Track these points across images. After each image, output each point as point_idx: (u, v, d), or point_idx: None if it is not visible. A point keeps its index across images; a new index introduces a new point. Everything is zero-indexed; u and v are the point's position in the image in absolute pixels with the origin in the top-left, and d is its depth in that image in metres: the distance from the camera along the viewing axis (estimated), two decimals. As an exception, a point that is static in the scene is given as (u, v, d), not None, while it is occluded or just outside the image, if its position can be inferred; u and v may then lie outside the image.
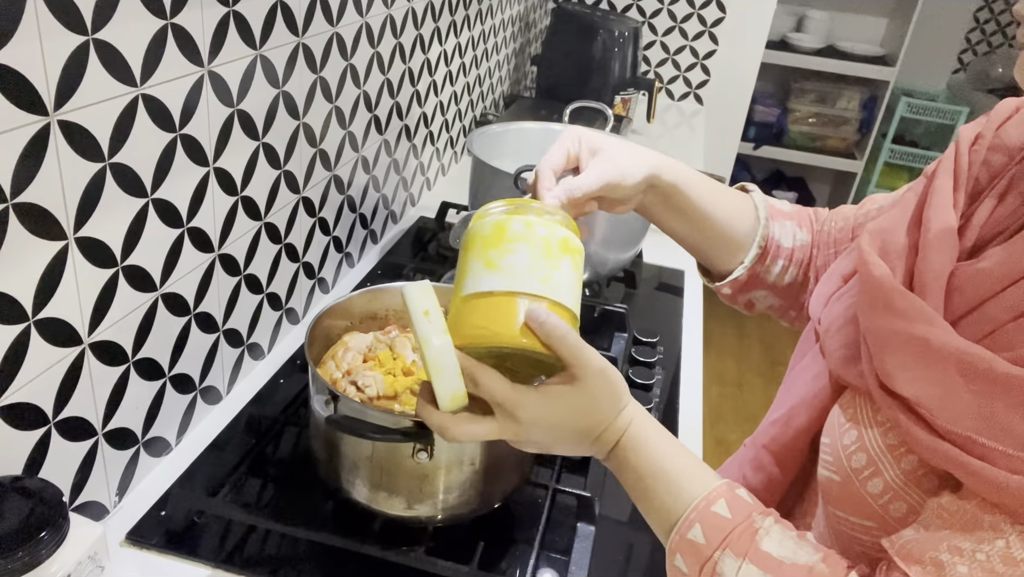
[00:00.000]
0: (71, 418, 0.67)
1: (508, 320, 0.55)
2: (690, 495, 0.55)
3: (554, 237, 0.58)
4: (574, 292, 0.58)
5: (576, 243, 0.59)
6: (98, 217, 0.65)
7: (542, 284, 0.56)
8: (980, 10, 3.73)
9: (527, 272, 0.56)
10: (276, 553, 0.73)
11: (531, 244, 0.57)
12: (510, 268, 0.56)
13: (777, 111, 3.63)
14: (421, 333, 0.54)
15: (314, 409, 0.74)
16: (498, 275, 0.56)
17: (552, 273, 0.56)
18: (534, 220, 0.58)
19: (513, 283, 0.56)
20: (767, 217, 0.78)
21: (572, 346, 0.54)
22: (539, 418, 0.55)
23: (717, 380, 2.89)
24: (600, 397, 0.56)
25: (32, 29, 0.55)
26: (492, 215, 0.59)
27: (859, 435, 0.53)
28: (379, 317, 0.88)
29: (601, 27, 1.94)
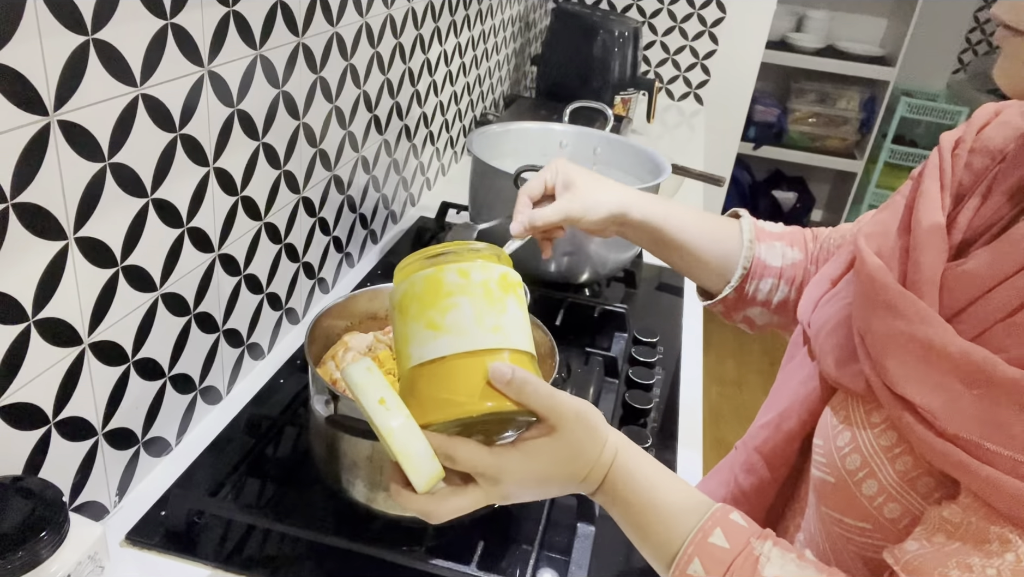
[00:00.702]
0: (71, 418, 0.67)
1: (470, 386, 0.51)
2: (685, 526, 0.53)
3: (492, 278, 0.53)
4: (526, 330, 0.55)
5: (513, 276, 0.56)
6: (98, 217, 0.65)
7: (494, 334, 0.52)
8: (980, 10, 3.73)
9: (475, 325, 0.52)
10: (276, 553, 0.73)
11: (471, 293, 0.52)
12: (456, 326, 0.51)
13: (777, 111, 3.63)
14: (379, 422, 0.49)
15: (314, 409, 0.74)
16: (445, 336, 0.51)
17: (501, 318, 0.53)
18: (466, 266, 0.53)
19: (464, 342, 0.51)
20: (751, 240, 0.82)
21: (544, 397, 0.52)
22: (525, 477, 0.53)
23: (717, 380, 2.89)
24: (581, 440, 0.54)
25: (32, 29, 0.55)
26: (418, 271, 0.54)
27: (853, 436, 0.53)
28: (379, 317, 0.88)
29: (601, 27, 1.94)
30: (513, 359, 0.52)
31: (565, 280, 1.19)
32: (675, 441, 0.95)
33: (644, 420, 0.97)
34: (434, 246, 0.56)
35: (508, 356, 0.52)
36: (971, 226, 0.54)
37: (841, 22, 3.68)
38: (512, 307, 0.54)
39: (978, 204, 0.54)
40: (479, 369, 0.51)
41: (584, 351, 1.07)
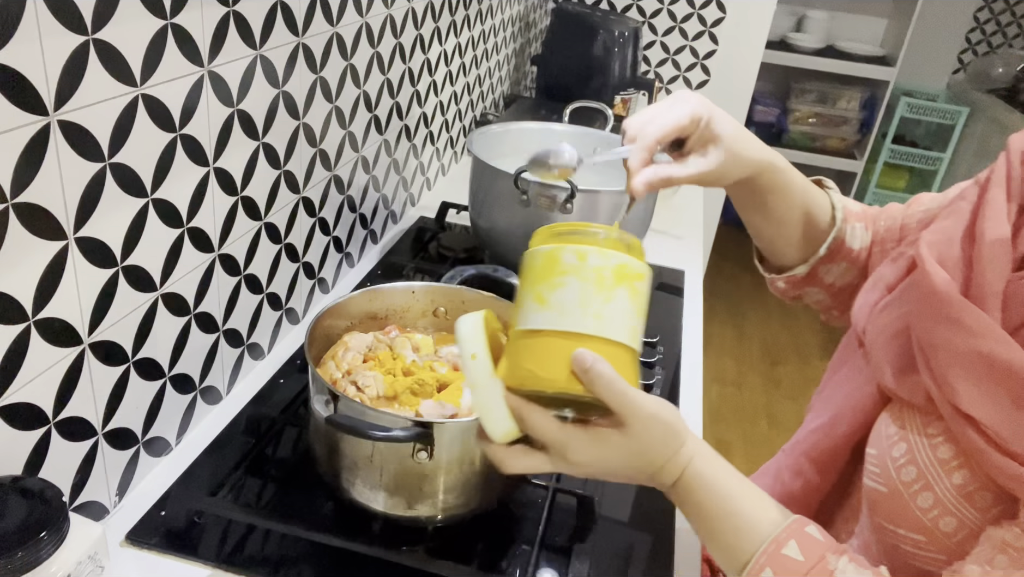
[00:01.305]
0: (71, 418, 0.67)
1: (555, 365, 0.53)
2: (759, 536, 0.53)
3: (608, 266, 0.54)
4: (631, 323, 0.55)
5: (635, 268, 0.55)
6: (98, 217, 0.65)
7: (594, 320, 0.53)
8: (980, 10, 3.73)
9: (577, 308, 0.53)
10: (276, 553, 0.73)
11: (582, 276, 0.54)
12: (559, 304, 0.54)
13: (777, 111, 3.64)
14: (469, 376, 0.55)
15: (314, 409, 0.74)
16: (547, 312, 0.54)
17: (605, 307, 0.54)
18: (584, 249, 0.55)
19: (562, 321, 0.54)
20: (843, 219, 0.77)
21: (618, 394, 0.53)
22: (589, 460, 0.55)
23: (717, 380, 2.89)
24: (651, 441, 0.55)
25: (32, 29, 0.55)
26: (541, 244, 0.57)
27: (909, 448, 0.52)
28: (379, 317, 0.88)
29: (601, 27, 1.94)
30: (605, 349, 0.53)
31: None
32: (675, 441, 0.95)
33: (644, 420, 0.96)
34: (571, 223, 0.58)
35: (601, 345, 0.53)
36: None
37: (841, 22, 3.68)
38: (621, 298, 0.54)
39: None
40: (566, 350, 0.53)
41: (584, 351, 1.07)
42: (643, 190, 0.65)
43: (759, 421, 2.68)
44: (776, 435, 2.61)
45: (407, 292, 0.89)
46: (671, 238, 1.51)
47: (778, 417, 2.71)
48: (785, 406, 2.76)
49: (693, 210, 1.68)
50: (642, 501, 0.85)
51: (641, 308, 0.57)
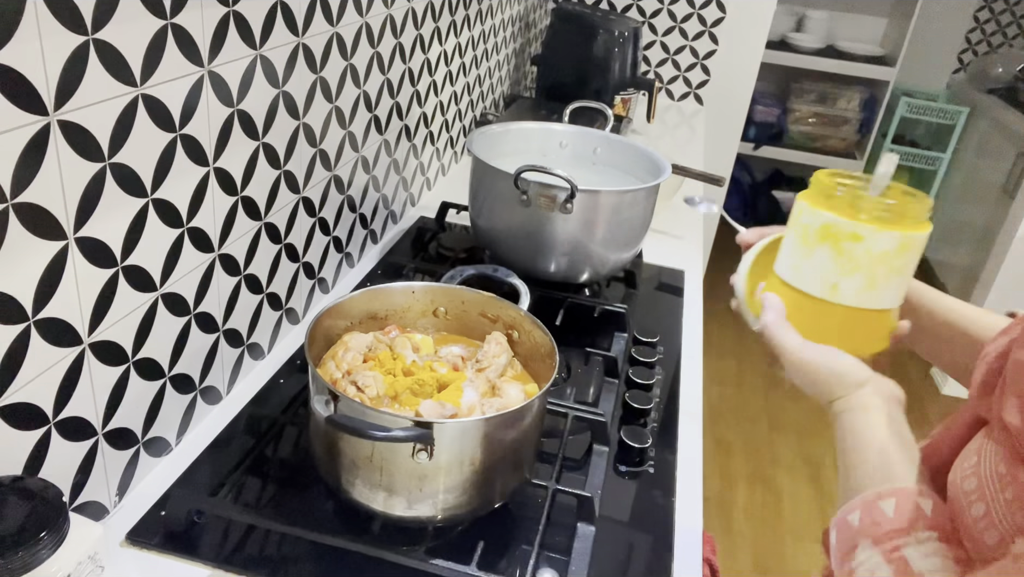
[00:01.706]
0: (71, 418, 0.67)
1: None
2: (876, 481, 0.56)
3: (917, 247, 0.64)
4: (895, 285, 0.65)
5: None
6: (98, 217, 0.65)
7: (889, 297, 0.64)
8: (980, 10, 3.73)
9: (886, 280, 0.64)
10: (276, 553, 0.73)
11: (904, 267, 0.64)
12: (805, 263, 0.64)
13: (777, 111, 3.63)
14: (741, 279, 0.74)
15: (314, 409, 0.74)
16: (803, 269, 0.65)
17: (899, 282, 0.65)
18: (919, 238, 0.62)
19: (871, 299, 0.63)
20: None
21: (772, 338, 0.68)
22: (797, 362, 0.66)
23: (717, 380, 2.89)
24: (807, 381, 0.64)
25: (32, 29, 0.55)
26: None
27: (977, 460, 0.53)
28: (379, 317, 0.88)
29: (601, 27, 1.94)
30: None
31: (565, 280, 1.19)
32: (675, 441, 0.95)
33: (644, 420, 0.97)
34: (904, 189, 0.66)
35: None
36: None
37: (841, 22, 3.68)
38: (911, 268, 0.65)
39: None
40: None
41: (584, 351, 1.07)
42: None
43: (759, 421, 2.68)
44: (776, 435, 2.61)
45: (407, 292, 0.89)
46: (671, 238, 1.51)
47: (778, 417, 2.71)
48: (785, 406, 2.76)
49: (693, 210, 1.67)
50: (642, 501, 0.85)
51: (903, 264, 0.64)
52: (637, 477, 0.88)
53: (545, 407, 0.82)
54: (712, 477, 2.33)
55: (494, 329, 0.88)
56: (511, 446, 0.73)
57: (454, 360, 0.82)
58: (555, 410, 0.91)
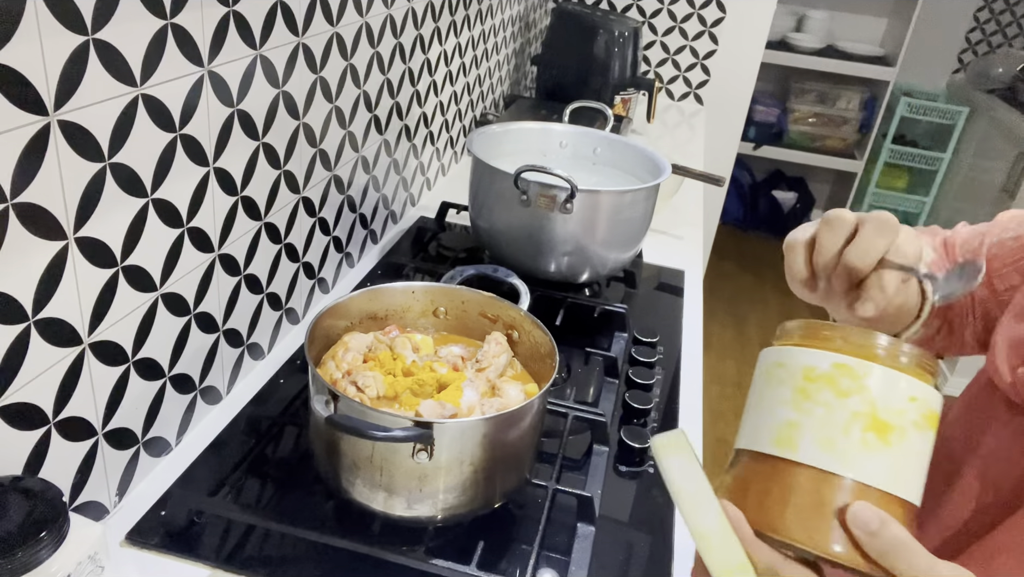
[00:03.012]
0: (71, 418, 0.67)
1: (819, 518, 0.41)
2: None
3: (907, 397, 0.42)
4: (920, 477, 0.43)
5: (937, 406, 0.43)
6: (98, 217, 0.65)
7: (885, 469, 0.41)
8: (980, 10, 3.73)
9: (863, 448, 0.41)
10: (276, 553, 0.73)
11: (868, 405, 0.41)
12: (830, 434, 0.41)
13: (777, 111, 3.64)
14: (697, 530, 0.42)
15: (314, 409, 0.74)
16: (816, 445, 0.41)
17: (902, 455, 0.41)
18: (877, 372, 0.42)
19: (835, 462, 0.41)
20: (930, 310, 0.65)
21: (926, 570, 0.39)
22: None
23: (717, 380, 2.89)
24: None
25: (32, 29, 0.55)
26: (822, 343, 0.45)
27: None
28: (379, 317, 0.88)
29: (601, 27, 1.94)
30: (893, 508, 0.41)
31: (565, 280, 1.19)
32: (675, 441, 0.95)
33: (644, 420, 0.97)
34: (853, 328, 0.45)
35: (889, 505, 0.41)
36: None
37: (841, 22, 3.68)
38: (922, 449, 0.42)
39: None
40: (835, 499, 0.41)
41: (584, 351, 1.07)
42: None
43: (759, 421, 2.68)
44: (776, 435, 2.61)
45: (407, 292, 0.89)
46: (671, 238, 1.51)
47: (778, 417, 2.70)
48: (785, 406, 2.76)
49: (693, 210, 1.68)
50: (642, 501, 0.85)
51: (930, 452, 0.43)
52: (637, 477, 0.88)
53: (545, 407, 0.82)
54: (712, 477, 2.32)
55: (494, 329, 0.88)
56: (511, 446, 0.73)
57: (454, 360, 0.82)
58: (555, 410, 0.91)
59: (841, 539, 0.40)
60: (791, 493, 0.42)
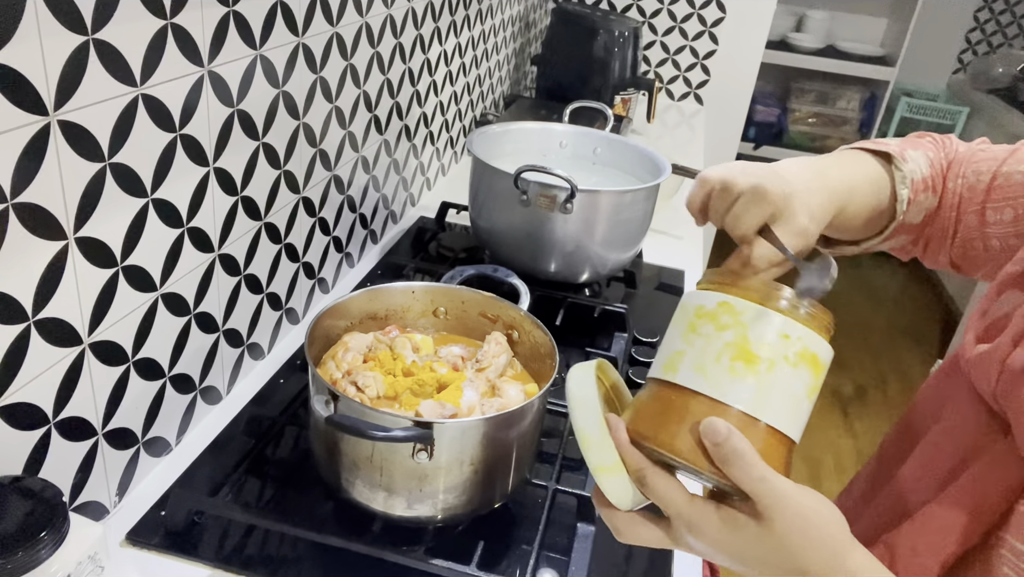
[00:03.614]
0: (71, 418, 0.67)
1: (682, 429, 0.46)
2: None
3: (781, 335, 0.46)
4: (791, 409, 0.47)
5: (816, 348, 0.48)
6: (98, 217, 0.65)
7: (746, 392, 0.46)
8: (980, 10, 3.73)
9: (727, 373, 0.46)
10: (276, 553, 0.73)
11: (739, 337, 0.46)
12: (706, 361, 0.47)
13: (777, 111, 3.64)
14: (579, 430, 0.48)
15: (314, 409, 0.74)
16: (688, 367, 0.47)
17: (762, 381, 0.46)
18: (761, 309, 0.47)
19: (704, 382, 0.46)
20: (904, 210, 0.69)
21: (758, 480, 0.45)
22: (719, 546, 0.48)
23: (717, 380, 2.89)
24: (799, 544, 0.46)
25: (32, 29, 0.55)
26: (717, 286, 0.49)
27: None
28: (379, 317, 0.88)
29: (601, 27, 1.94)
30: (750, 430, 0.46)
31: (565, 280, 1.19)
32: (675, 441, 0.95)
33: (644, 420, 0.96)
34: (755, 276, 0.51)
35: (746, 424, 0.46)
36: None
37: (841, 22, 3.68)
38: (793, 382, 0.47)
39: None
40: (700, 415, 0.47)
41: (584, 351, 1.07)
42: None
43: (759, 421, 2.68)
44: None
45: (407, 292, 0.89)
46: (671, 238, 1.51)
47: (778, 417, 2.70)
48: (785, 406, 2.76)
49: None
50: (642, 501, 0.85)
51: (810, 396, 0.48)
52: (637, 477, 0.88)
53: (545, 407, 0.82)
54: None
55: (494, 329, 0.88)
56: (511, 446, 0.73)
57: (454, 360, 0.82)
58: (555, 410, 0.91)
59: (695, 447, 0.46)
60: (666, 409, 0.48)
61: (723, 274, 0.51)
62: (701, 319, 0.48)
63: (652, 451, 0.48)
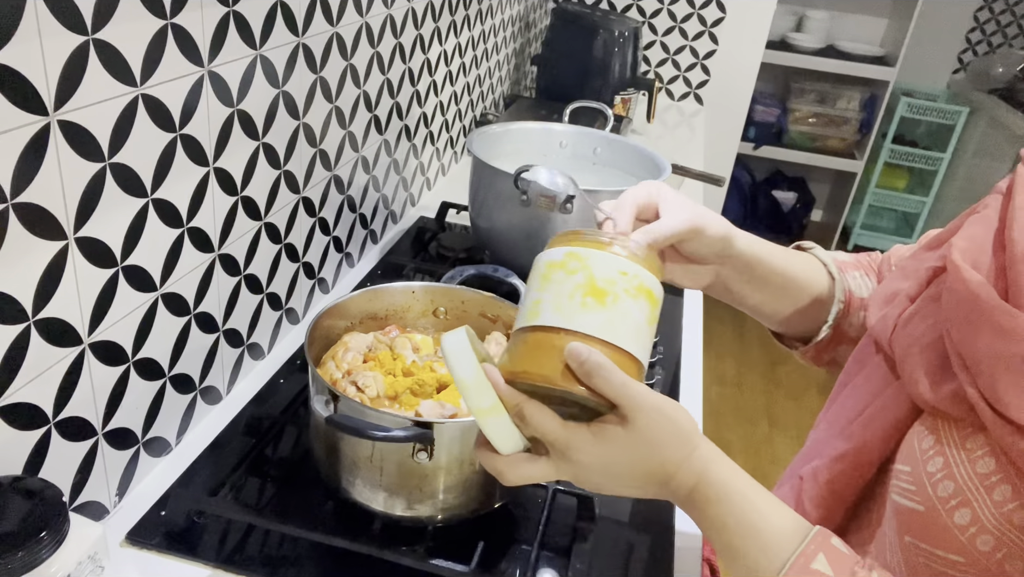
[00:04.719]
0: (71, 418, 0.67)
1: (550, 360, 0.53)
2: (785, 551, 0.51)
3: (616, 271, 0.54)
4: (635, 333, 0.54)
5: (647, 281, 0.55)
6: (98, 217, 0.65)
7: (602, 324, 0.53)
8: (980, 10, 3.73)
9: (579, 307, 0.53)
10: (276, 553, 0.73)
11: (589, 277, 0.54)
12: (560, 302, 0.54)
13: (777, 111, 3.64)
14: (464, 387, 0.52)
15: (314, 409, 0.74)
16: (546, 310, 0.54)
17: (617, 315, 0.53)
18: (597, 252, 0.55)
19: (561, 318, 0.53)
20: (839, 271, 0.76)
21: (619, 385, 0.51)
22: (594, 459, 0.53)
23: (717, 380, 2.89)
24: (660, 438, 0.52)
25: (32, 29, 0.55)
26: (565, 245, 0.56)
27: (946, 461, 0.50)
28: (379, 317, 0.88)
29: (601, 27, 1.94)
30: (605, 351, 0.52)
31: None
32: (675, 441, 0.95)
33: (644, 420, 0.96)
34: (589, 230, 0.58)
35: (601, 347, 0.52)
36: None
37: (841, 22, 3.68)
38: (635, 312, 0.54)
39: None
40: (563, 346, 0.53)
41: (584, 351, 1.07)
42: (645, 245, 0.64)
43: (759, 421, 2.68)
44: (776, 435, 2.61)
45: (407, 292, 0.89)
46: (671, 238, 1.51)
47: (778, 417, 2.71)
48: (785, 406, 2.76)
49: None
50: (642, 501, 0.85)
51: (650, 324, 0.56)
52: (637, 477, 0.88)
53: (545, 407, 0.82)
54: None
55: (494, 329, 0.88)
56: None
57: (454, 360, 0.82)
58: (555, 410, 0.91)
59: (563, 371, 0.52)
60: (534, 348, 0.54)
61: (558, 236, 0.58)
62: (552, 268, 0.55)
63: (527, 386, 0.54)
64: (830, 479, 0.60)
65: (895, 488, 0.54)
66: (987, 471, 0.48)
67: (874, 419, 0.58)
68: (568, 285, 0.54)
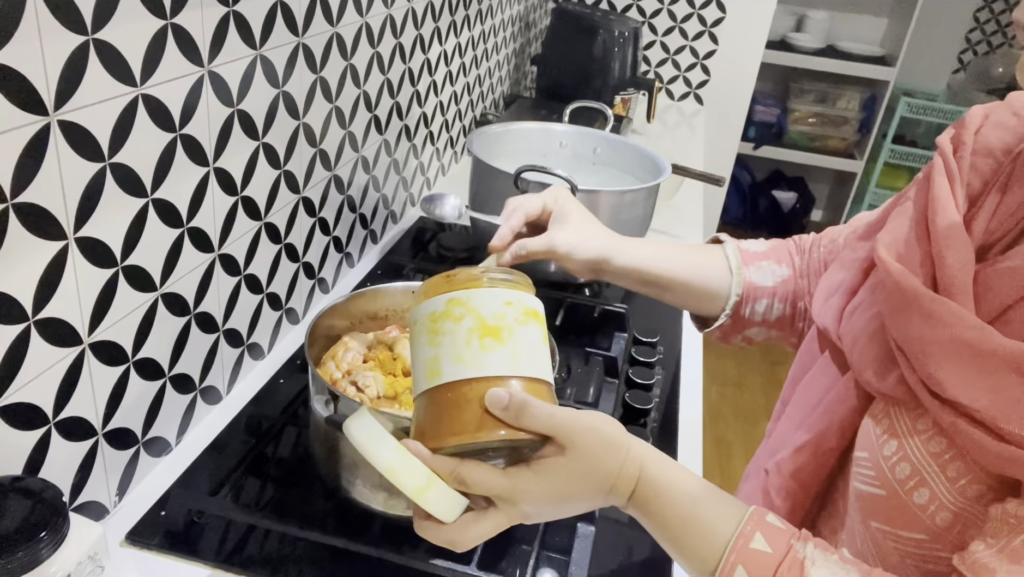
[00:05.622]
0: (71, 418, 0.67)
1: (470, 414, 0.51)
2: (724, 534, 0.52)
3: (499, 304, 0.53)
4: (536, 357, 0.54)
5: (528, 302, 0.55)
6: (98, 217, 0.65)
7: (500, 360, 0.52)
8: (980, 10, 3.73)
9: (479, 352, 0.52)
10: (276, 553, 0.73)
11: (476, 319, 0.52)
12: (457, 353, 0.52)
13: (777, 111, 3.64)
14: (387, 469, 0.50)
15: (314, 409, 0.74)
16: (448, 365, 0.52)
17: (510, 346, 0.52)
18: (473, 293, 0.53)
19: (467, 369, 0.52)
20: (739, 265, 0.82)
21: (545, 417, 0.51)
22: (543, 496, 0.52)
23: (717, 380, 2.89)
24: (597, 454, 0.53)
25: (32, 29, 0.55)
26: (431, 297, 0.55)
27: (900, 445, 0.52)
28: (379, 317, 0.88)
29: (601, 27, 1.94)
30: (522, 385, 0.52)
31: (565, 280, 1.19)
32: (675, 441, 0.95)
33: (644, 420, 0.96)
34: (457, 269, 0.56)
35: (516, 384, 0.52)
36: (988, 228, 0.54)
37: (841, 22, 3.68)
38: (529, 336, 0.54)
39: (995, 204, 0.54)
40: (480, 395, 0.51)
41: (584, 351, 1.07)
42: (508, 259, 0.79)
43: (759, 421, 2.68)
44: (776, 435, 2.61)
45: (407, 292, 0.89)
46: (671, 238, 1.51)
47: (778, 417, 2.71)
48: (785, 406, 2.76)
49: (693, 210, 1.68)
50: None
51: (544, 342, 0.55)
52: (637, 477, 0.88)
53: (545, 407, 0.82)
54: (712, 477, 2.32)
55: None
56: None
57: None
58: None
59: (488, 421, 0.51)
60: (447, 408, 0.52)
61: (428, 285, 0.55)
62: (437, 320, 0.53)
63: (455, 448, 0.52)
64: (794, 470, 0.61)
65: (856, 476, 0.56)
66: (939, 449, 0.50)
67: (830, 409, 0.60)
68: (461, 333, 0.52)
